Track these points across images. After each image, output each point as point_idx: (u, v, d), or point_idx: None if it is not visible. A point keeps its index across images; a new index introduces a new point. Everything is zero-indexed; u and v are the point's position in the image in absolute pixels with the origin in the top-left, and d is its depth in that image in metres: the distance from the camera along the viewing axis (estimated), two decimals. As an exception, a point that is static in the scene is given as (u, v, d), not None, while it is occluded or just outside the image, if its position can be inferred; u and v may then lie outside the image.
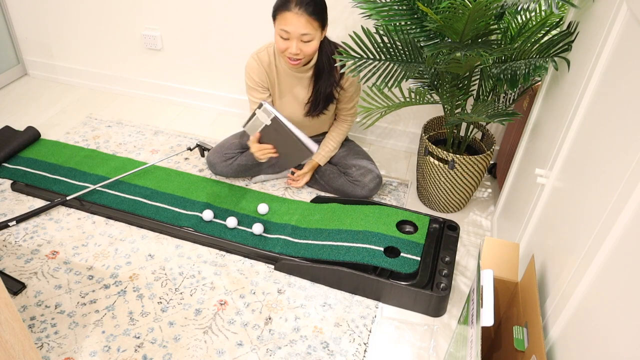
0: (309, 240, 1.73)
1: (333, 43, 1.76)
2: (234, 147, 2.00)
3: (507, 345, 1.11)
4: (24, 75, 2.77)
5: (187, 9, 2.25)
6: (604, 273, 0.84)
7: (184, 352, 1.42)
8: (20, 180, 1.98)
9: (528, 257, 1.30)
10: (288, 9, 1.57)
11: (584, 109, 1.14)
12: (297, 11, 1.56)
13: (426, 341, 1.50)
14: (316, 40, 1.64)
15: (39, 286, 1.59)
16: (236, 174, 2.01)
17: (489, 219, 1.95)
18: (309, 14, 1.57)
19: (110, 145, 2.24)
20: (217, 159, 1.99)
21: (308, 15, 1.57)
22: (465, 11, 1.32)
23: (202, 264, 1.70)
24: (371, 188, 1.91)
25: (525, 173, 1.58)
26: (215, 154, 2.00)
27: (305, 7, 1.56)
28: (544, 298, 1.09)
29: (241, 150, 2.00)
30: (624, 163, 0.84)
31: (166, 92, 2.57)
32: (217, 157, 1.99)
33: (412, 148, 2.31)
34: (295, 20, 1.57)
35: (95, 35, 2.50)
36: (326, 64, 1.74)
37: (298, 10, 1.56)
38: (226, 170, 1.99)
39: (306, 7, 1.57)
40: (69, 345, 1.43)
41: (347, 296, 1.62)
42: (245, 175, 2.05)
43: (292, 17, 1.57)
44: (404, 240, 1.67)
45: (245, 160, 1.98)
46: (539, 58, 1.48)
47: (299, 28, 1.58)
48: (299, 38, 1.60)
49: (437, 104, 1.84)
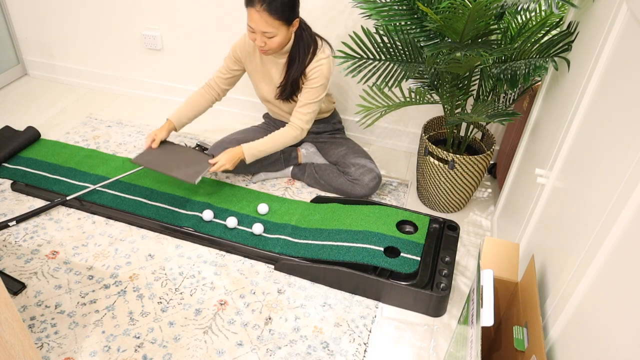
0: (309, 240, 1.73)
1: (312, 34, 1.78)
2: (234, 143, 2.01)
3: (507, 345, 1.11)
4: (24, 75, 2.77)
5: (187, 9, 2.25)
6: (604, 273, 0.84)
7: (184, 352, 1.42)
8: (20, 180, 1.98)
9: (528, 257, 1.30)
10: (252, 4, 1.62)
11: (584, 109, 1.14)
12: (259, 8, 1.60)
13: (426, 341, 1.50)
14: (280, 36, 1.67)
15: (39, 286, 1.59)
16: (235, 170, 2.02)
17: (489, 219, 1.95)
18: (269, 13, 1.60)
19: (110, 145, 2.24)
20: (218, 153, 1.99)
21: (268, 13, 1.60)
22: (465, 11, 1.32)
23: (202, 264, 1.70)
24: (371, 187, 1.91)
25: (525, 173, 1.58)
26: (216, 149, 2.01)
27: (267, 5, 1.59)
28: (544, 298, 1.09)
29: None
30: (624, 163, 0.84)
31: (166, 92, 2.57)
32: (218, 152, 1.99)
33: (412, 148, 2.31)
34: (257, 17, 1.62)
35: (95, 35, 2.50)
36: (299, 53, 1.77)
37: (260, 7, 1.60)
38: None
39: (268, 5, 1.59)
40: (69, 345, 1.43)
41: (347, 296, 1.62)
42: (244, 172, 2.06)
43: (255, 14, 1.62)
44: (404, 240, 1.67)
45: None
46: (539, 58, 1.48)
47: (260, 26, 1.63)
48: (262, 34, 1.65)
49: (437, 104, 1.84)
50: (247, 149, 1.84)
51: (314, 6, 2.04)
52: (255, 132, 2.06)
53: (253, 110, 2.46)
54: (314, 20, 2.07)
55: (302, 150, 2.06)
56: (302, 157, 2.06)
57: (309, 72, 1.78)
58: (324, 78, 1.78)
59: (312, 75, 1.77)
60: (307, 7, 2.05)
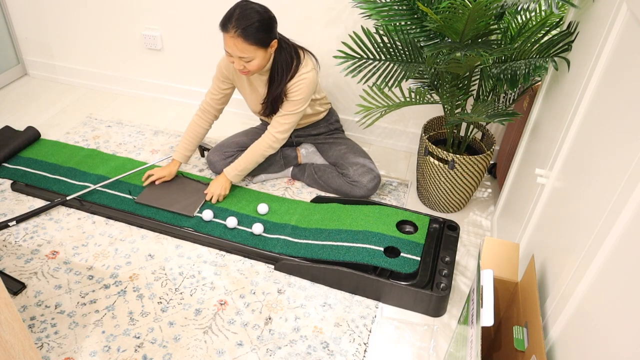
0: (309, 240, 1.73)
1: (293, 51, 1.74)
2: (233, 146, 2.02)
3: (507, 345, 1.11)
4: (24, 75, 2.77)
5: (187, 9, 2.25)
6: (604, 273, 0.84)
7: (184, 352, 1.42)
8: (20, 180, 1.98)
9: (528, 257, 1.30)
10: (226, 30, 1.60)
11: (584, 109, 1.14)
12: (233, 34, 1.59)
13: (426, 341, 1.50)
14: (257, 59, 1.66)
15: (39, 286, 1.59)
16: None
17: (489, 219, 1.95)
18: (244, 39, 1.59)
19: (110, 145, 2.24)
20: (217, 157, 2.01)
21: (243, 39, 1.59)
22: (465, 11, 1.32)
23: (202, 264, 1.70)
24: (370, 188, 1.91)
25: (525, 173, 1.58)
26: (215, 153, 2.02)
27: (241, 31, 1.58)
28: (544, 298, 1.09)
29: (240, 149, 2.01)
30: (624, 163, 0.84)
31: (166, 92, 2.57)
32: (217, 156, 2.01)
33: (412, 148, 2.31)
34: (231, 43, 1.61)
35: (95, 35, 2.50)
36: (279, 72, 1.75)
37: (234, 33, 1.59)
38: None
39: (242, 31, 1.58)
40: (69, 345, 1.43)
41: (347, 296, 1.62)
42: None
43: (229, 40, 1.61)
44: (404, 240, 1.67)
45: None
46: (539, 58, 1.48)
47: (235, 51, 1.63)
48: (240, 58, 1.65)
49: (437, 104, 1.84)
50: (229, 173, 1.90)
51: (314, 6, 2.04)
52: (253, 134, 2.07)
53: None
54: (314, 21, 2.07)
55: (302, 150, 2.06)
56: (301, 157, 2.07)
57: (290, 87, 1.77)
58: (304, 93, 1.77)
59: (293, 89, 1.76)
60: (307, 7, 2.05)
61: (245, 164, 1.89)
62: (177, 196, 1.91)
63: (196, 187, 1.97)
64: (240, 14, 1.59)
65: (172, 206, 1.86)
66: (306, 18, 2.09)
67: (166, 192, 1.93)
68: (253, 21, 1.59)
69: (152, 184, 1.96)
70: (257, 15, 1.60)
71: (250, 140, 1.99)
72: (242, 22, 1.58)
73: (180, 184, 1.98)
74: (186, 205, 1.87)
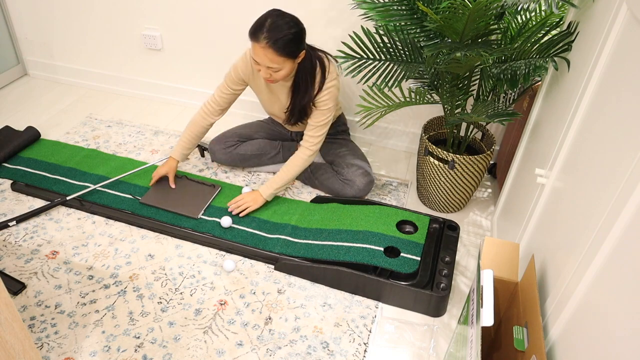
0: (309, 240, 1.73)
1: (320, 55, 1.73)
2: (235, 136, 2.06)
3: (507, 345, 1.11)
4: (24, 75, 2.77)
5: (187, 9, 2.25)
6: (604, 273, 0.84)
7: (184, 352, 1.42)
8: (20, 180, 1.98)
9: (528, 257, 1.30)
10: (257, 39, 1.58)
11: (584, 109, 1.14)
12: (264, 45, 1.57)
13: (426, 341, 1.50)
14: (285, 69, 1.64)
15: (39, 286, 1.59)
16: (234, 162, 2.07)
17: (489, 219, 1.95)
18: (274, 50, 1.57)
19: (110, 145, 2.24)
20: (218, 146, 2.05)
21: (273, 51, 1.57)
22: (465, 11, 1.32)
23: (202, 264, 1.70)
24: (361, 189, 1.90)
25: (525, 173, 1.58)
26: (217, 142, 2.05)
27: (272, 43, 1.56)
28: (544, 298, 1.09)
29: (242, 140, 2.05)
30: (624, 163, 0.84)
31: (166, 92, 2.57)
32: (218, 145, 2.05)
33: (412, 148, 2.31)
34: (261, 53, 1.59)
35: (95, 35, 2.50)
36: (303, 80, 1.73)
37: (265, 44, 1.56)
38: (225, 157, 2.05)
39: (273, 43, 1.56)
40: (69, 345, 1.43)
41: (347, 296, 1.62)
42: (243, 165, 2.09)
43: (259, 50, 1.58)
44: (404, 240, 1.67)
45: (244, 150, 2.04)
46: (539, 58, 1.48)
47: (264, 61, 1.61)
48: (267, 67, 1.63)
49: (437, 104, 1.84)
50: (265, 192, 1.86)
51: (314, 6, 2.04)
52: (257, 127, 2.07)
53: (254, 111, 2.46)
54: (314, 21, 2.07)
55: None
56: None
57: (319, 97, 1.75)
58: (332, 102, 1.76)
59: (322, 99, 1.75)
60: (307, 7, 2.05)
61: (283, 181, 1.86)
62: (181, 197, 1.91)
63: (200, 188, 1.97)
64: (273, 24, 1.56)
65: (177, 207, 1.86)
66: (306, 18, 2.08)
67: (170, 193, 1.93)
68: (285, 34, 1.56)
69: (156, 185, 1.96)
70: (290, 27, 1.58)
71: (254, 133, 2.00)
72: (275, 34, 1.55)
73: (185, 185, 1.98)
74: (190, 207, 1.87)
